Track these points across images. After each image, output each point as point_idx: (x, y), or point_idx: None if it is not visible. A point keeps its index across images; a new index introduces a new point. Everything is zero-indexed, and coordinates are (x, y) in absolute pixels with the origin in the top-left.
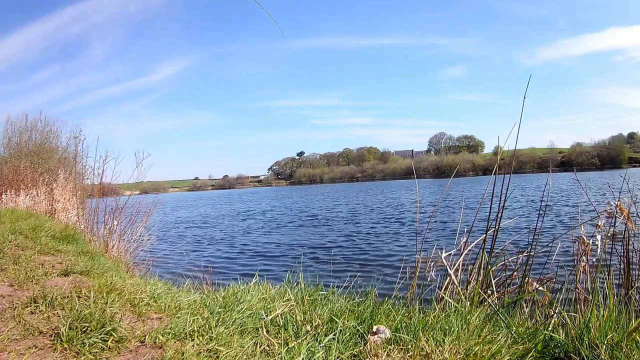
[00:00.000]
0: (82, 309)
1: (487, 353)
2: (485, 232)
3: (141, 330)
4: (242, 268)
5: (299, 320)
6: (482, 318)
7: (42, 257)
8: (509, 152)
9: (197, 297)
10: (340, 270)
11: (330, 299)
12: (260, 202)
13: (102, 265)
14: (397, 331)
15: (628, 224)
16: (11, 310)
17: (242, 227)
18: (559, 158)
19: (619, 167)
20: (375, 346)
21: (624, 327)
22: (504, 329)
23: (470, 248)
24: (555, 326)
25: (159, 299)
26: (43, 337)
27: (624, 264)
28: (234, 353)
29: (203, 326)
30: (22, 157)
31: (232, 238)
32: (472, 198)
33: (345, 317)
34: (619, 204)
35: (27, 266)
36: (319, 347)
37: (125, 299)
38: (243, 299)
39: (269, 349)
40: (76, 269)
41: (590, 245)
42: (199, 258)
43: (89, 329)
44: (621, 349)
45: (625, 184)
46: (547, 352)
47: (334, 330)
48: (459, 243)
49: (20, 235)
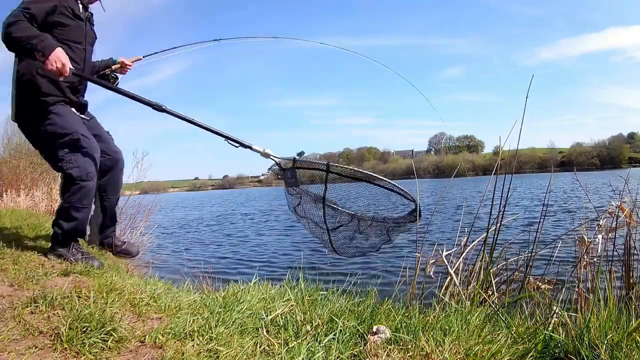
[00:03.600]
0: (82, 309)
1: (487, 353)
2: (486, 231)
3: (141, 330)
4: (242, 268)
5: (299, 320)
6: (482, 318)
7: (42, 257)
8: (509, 152)
9: (197, 297)
10: (340, 270)
11: (330, 299)
12: (260, 202)
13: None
14: (397, 331)
15: (629, 223)
16: (11, 310)
17: (242, 227)
18: (559, 158)
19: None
20: (375, 346)
21: (624, 327)
22: (504, 329)
23: (471, 248)
24: (555, 326)
25: (159, 299)
26: (43, 337)
27: (625, 264)
28: (234, 353)
29: (203, 326)
30: (21, 157)
31: (232, 238)
32: (473, 198)
33: (345, 317)
34: (620, 203)
35: (27, 266)
36: (319, 347)
37: (125, 299)
38: (243, 299)
39: (269, 349)
40: (76, 269)
41: (591, 245)
42: (199, 258)
43: (89, 329)
44: (621, 349)
45: (626, 184)
46: (547, 352)
47: (334, 330)
48: (460, 243)
49: (20, 235)
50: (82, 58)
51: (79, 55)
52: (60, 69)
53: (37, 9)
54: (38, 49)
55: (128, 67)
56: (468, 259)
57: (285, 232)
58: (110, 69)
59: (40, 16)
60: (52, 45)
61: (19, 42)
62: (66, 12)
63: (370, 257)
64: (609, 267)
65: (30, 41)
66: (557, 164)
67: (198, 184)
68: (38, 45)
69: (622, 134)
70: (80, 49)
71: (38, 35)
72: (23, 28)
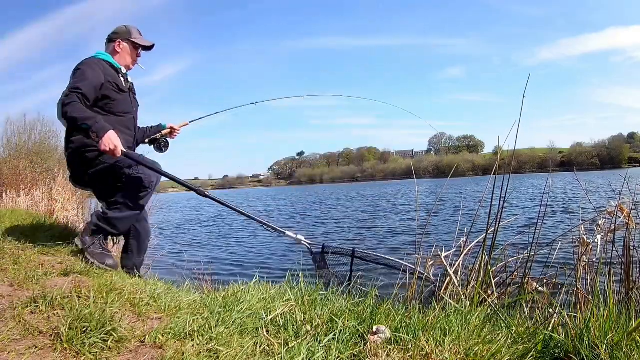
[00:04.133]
0: (82, 309)
1: (487, 353)
2: (486, 231)
3: (141, 330)
4: (242, 268)
5: (299, 320)
6: (482, 318)
7: (42, 257)
8: (508, 152)
9: (197, 297)
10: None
11: (330, 299)
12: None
13: None
14: (397, 331)
15: (629, 223)
16: (11, 310)
17: (242, 227)
18: (559, 158)
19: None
20: (375, 346)
21: (624, 327)
22: (504, 329)
23: (470, 248)
24: (555, 326)
25: (159, 299)
26: (43, 337)
27: (625, 263)
28: (234, 353)
29: (203, 326)
30: (21, 157)
31: (232, 238)
32: (473, 198)
33: (345, 317)
34: (620, 203)
35: (27, 266)
36: (319, 347)
37: (125, 299)
38: (243, 299)
39: (269, 349)
40: (76, 269)
41: (591, 245)
42: (199, 258)
43: (89, 329)
44: (621, 349)
45: (626, 184)
46: (547, 352)
47: (334, 330)
48: (459, 243)
49: (20, 235)
50: (133, 126)
51: (130, 123)
52: (113, 150)
53: (86, 87)
54: (93, 130)
55: (177, 132)
56: (467, 259)
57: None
58: (160, 133)
59: (91, 94)
60: (105, 127)
61: (75, 122)
62: (112, 87)
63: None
64: (609, 267)
65: (86, 122)
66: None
67: (198, 184)
68: (93, 127)
69: (622, 134)
70: (129, 118)
71: (93, 117)
72: (78, 109)
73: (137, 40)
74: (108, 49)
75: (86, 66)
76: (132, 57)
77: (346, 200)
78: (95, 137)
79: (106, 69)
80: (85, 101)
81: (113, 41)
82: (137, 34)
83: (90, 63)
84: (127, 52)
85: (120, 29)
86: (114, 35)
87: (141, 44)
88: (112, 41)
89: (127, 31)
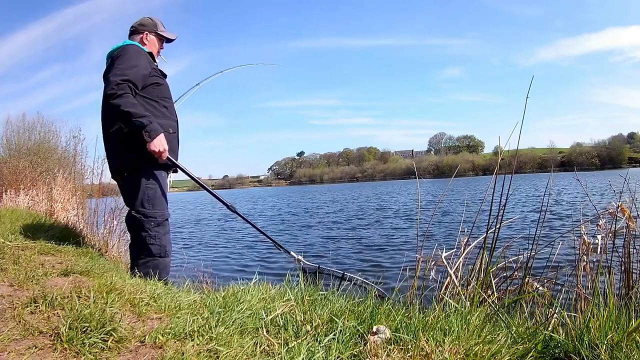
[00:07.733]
0: (82, 309)
1: (487, 353)
2: (486, 231)
3: (141, 330)
4: (242, 268)
5: (299, 320)
6: (482, 318)
7: (42, 257)
8: (509, 152)
9: (197, 297)
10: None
11: (330, 299)
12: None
13: (102, 265)
14: (397, 331)
15: (629, 223)
16: (11, 310)
17: (241, 227)
18: (559, 158)
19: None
20: (375, 346)
21: (624, 327)
22: (504, 329)
23: (471, 248)
24: (555, 326)
25: (159, 299)
26: (43, 337)
27: (625, 263)
28: (234, 353)
29: (203, 326)
30: (21, 157)
31: (232, 237)
32: (473, 198)
33: (345, 317)
34: (621, 203)
35: (27, 266)
36: (319, 347)
37: (125, 299)
38: (243, 299)
39: (269, 349)
40: (76, 269)
41: (591, 245)
42: (199, 258)
43: (89, 329)
44: (621, 349)
45: (626, 184)
46: (547, 352)
47: (334, 330)
48: (459, 243)
49: (20, 235)
50: (174, 112)
51: (173, 110)
52: (161, 152)
53: (134, 75)
54: (147, 130)
55: None
56: (468, 259)
57: (284, 232)
58: None
59: (139, 83)
60: (158, 129)
61: (128, 116)
62: (157, 74)
63: (371, 257)
64: (609, 267)
65: (141, 120)
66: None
67: None
68: (148, 126)
69: (622, 134)
70: (171, 104)
71: (147, 115)
72: (132, 103)
73: (164, 33)
74: (135, 40)
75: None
76: (157, 49)
77: (348, 200)
78: (147, 136)
79: (147, 57)
80: (135, 90)
81: (140, 33)
82: (162, 27)
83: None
84: (154, 44)
85: (146, 21)
86: (142, 27)
87: (167, 37)
88: (139, 33)
89: (154, 24)
